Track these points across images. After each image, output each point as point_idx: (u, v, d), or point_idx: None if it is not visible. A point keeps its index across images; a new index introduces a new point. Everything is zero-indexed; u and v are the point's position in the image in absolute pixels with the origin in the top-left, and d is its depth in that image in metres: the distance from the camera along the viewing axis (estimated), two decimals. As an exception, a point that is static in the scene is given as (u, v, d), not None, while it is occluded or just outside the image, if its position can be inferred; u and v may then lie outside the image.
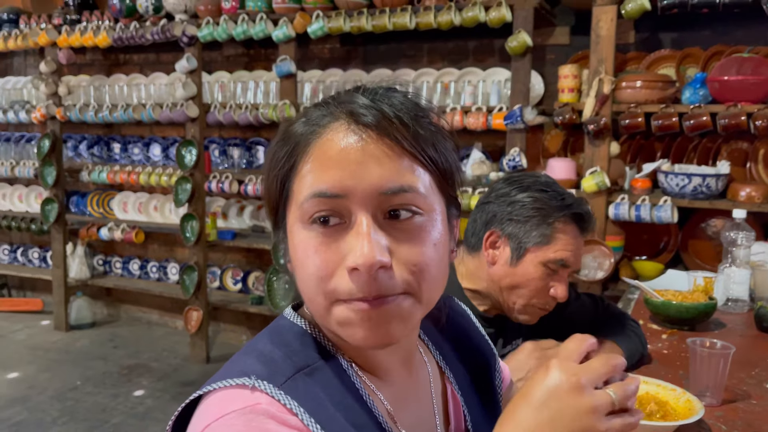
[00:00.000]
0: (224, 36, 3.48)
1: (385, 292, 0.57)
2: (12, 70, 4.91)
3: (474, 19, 2.90)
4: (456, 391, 0.75)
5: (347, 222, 0.58)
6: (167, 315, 4.50)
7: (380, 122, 0.58)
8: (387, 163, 0.57)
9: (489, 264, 1.29)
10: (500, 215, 1.28)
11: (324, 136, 0.59)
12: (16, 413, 3.13)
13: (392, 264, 0.57)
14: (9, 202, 4.82)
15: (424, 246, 0.59)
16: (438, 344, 0.78)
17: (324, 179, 0.57)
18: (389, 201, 0.57)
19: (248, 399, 0.55)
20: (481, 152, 3.19)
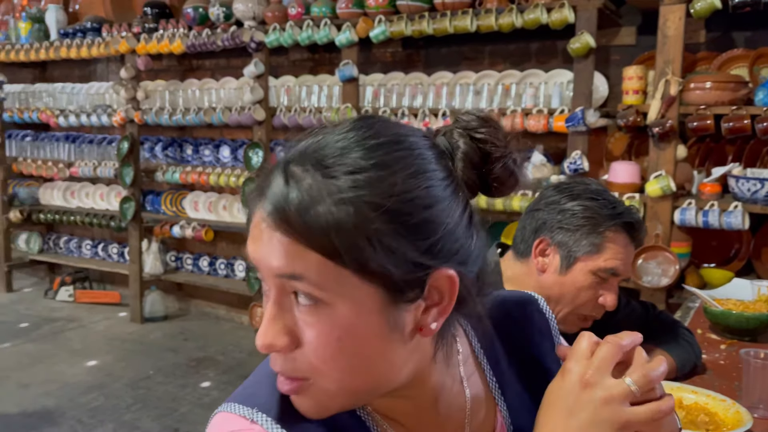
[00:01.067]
0: (290, 41, 3.59)
1: (288, 373, 0.56)
2: (95, 76, 5.22)
3: (535, 21, 2.88)
4: (505, 420, 0.70)
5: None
6: (234, 310, 4.68)
7: (271, 214, 0.54)
8: (278, 250, 0.53)
9: (538, 272, 1.30)
10: (550, 223, 1.28)
11: (253, 209, 0.57)
12: (94, 399, 3.34)
13: (297, 347, 0.55)
14: (91, 200, 5.13)
15: (328, 336, 0.54)
16: (496, 364, 0.71)
17: (249, 249, 0.57)
18: (289, 283, 0.54)
19: (244, 427, 0.57)
20: (542, 155, 3.15)
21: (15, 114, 5.09)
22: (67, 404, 3.26)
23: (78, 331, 4.42)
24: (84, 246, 5.33)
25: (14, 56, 4.84)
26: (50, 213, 5.16)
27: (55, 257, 5.36)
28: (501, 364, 0.72)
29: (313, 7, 3.51)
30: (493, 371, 0.71)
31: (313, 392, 0.56)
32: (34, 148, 5.29)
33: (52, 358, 3.91)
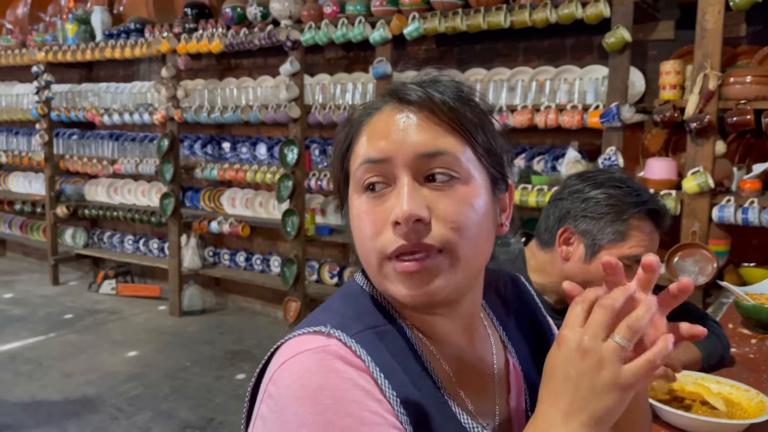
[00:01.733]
0: (325, 39, 3.63)
1: (423, 243, 0.62)
2: (138, 75, 5.38)
3: (570, 16, 2.85)
4: (517, 365, 0.79)
5: (392, 186, 0.65)
6: (269, 305, 4.75)
7: (422, 100, 0.66)
8: (426, 130, 0.65)
9: (563, 260, 1.30)
10: (574, 212, 1.28)
11: (374, 117, 0.68)
12: (133, 388, 3.44)
13: (431, 220, 0.63)
14: (133, 196, 5.28)
15: (461, 206, 0.64)
16: (502, 320, 0.82)
17: (371, 148, 0.66)
18: (428, 164, 0.64)
19: (322, 341, 0.62)
20: (577, 151, 3.11)
21: (62, 113, 5.28)
22: (108, 392, 3.37)
23: (119, 322, 4.56)
24: (126, 241, 5.49)
25: (61, 57, 5.02)
26: (95, 209, 5.33)
27: (99, 252, 5.54)
28: (502, 316, 0.83)
29: (348, 5, 3.55)
30: (500, 323, 0.82)
31: (438, 265, 0.64)
32: (79, 145, 5.48)
33: (94, 348, 4.04)
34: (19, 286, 5.49)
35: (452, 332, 0.72)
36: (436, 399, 0.66)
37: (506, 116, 3.13)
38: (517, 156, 3.43)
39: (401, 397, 0.62)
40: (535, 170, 3.33)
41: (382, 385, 0.61)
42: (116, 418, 3.08)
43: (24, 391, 3.38)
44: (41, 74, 5.22)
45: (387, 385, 0.62)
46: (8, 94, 5.93)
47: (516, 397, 0.77)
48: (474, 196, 0.66)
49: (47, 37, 5.17)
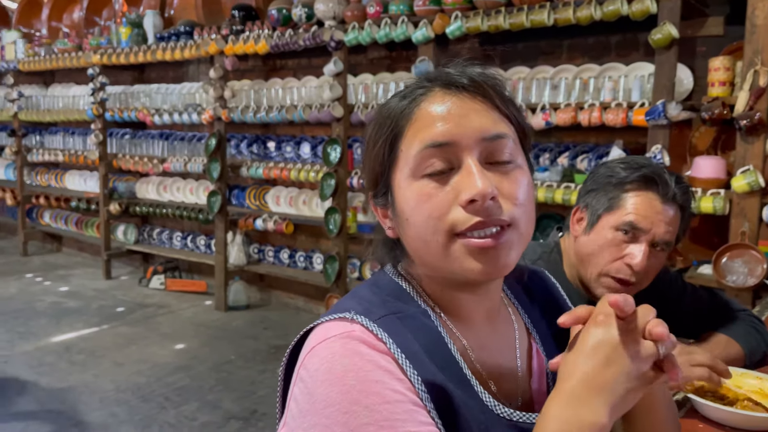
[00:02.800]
0: (368, 39, 3.68)
1: (497, 218, 0.66)
2: (187, 76, 5.53)
3: (615, 13, 2.82)
4: (541, 351, 0.81)
5: (455, 168, 0.67)
6: (312, 301, 4.83)
7: (471, 84, 0.69)
8: (484, 115, 0.68)
9: (574, 239, 1.31)
10: (582, 191, 1.31)
11: (424, 102, 0.70)
12: (180, 379, 3.55)
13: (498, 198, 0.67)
14: (182, 194, 5.44)
15: (520, 186, 0.69)
16: (526, 307, 0.85)
17: (433, 133, 0.67)
18: (489, 147, 0.68)
19: (346, 327, 0.67)
20: (621, 149, 3.07)
21: (116, 113, 5.47)
22: (156, 383, 3.48)
23: (168, 316, 4.70)
24: (174, 237, 5.66)
25: (115, 59, 5.20)
26: (145, 206, 5.52)
27: (148, 248, 5.72)
28: (527, 304, 0.86)
29: (391, 5, 3.58)
30: (524, 310, 0.85)
31: (510, 239, 0.68)
32: (131, 145, 5.67)
33: (144, 340, 4.19)
34: (74, 280, 5.72)
35: (477, 314, 0.75)
36: (458, 380, 0.69)
37: (549, 114, 3.11)
38: (560, 154, 3.41)
39: (423, 378, 0.65)
40: (579, 169, 3.29)
41: (403, 365, 0.65)
42: (164, 407, 3.19)
43: (78, 379, 3.53)
44: (96, 76, 5.42)
45: (408, 365, 0.65)
46: (65, 96, 6.19)
47: (538, 380, 0.79)
48: (527, 180, 0.71)
49: (102, 41, 5.37)
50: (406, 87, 0.73)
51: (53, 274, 5.95)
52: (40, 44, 6.02)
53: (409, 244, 0.72)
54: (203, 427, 3.00)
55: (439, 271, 0.71)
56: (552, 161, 3.42)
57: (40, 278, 5.78)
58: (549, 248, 1.37)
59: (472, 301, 0.74)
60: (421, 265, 0.74)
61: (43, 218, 6.78)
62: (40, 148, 6.50)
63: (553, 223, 3.47)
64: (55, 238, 6.99)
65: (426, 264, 0.72)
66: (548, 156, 3.44)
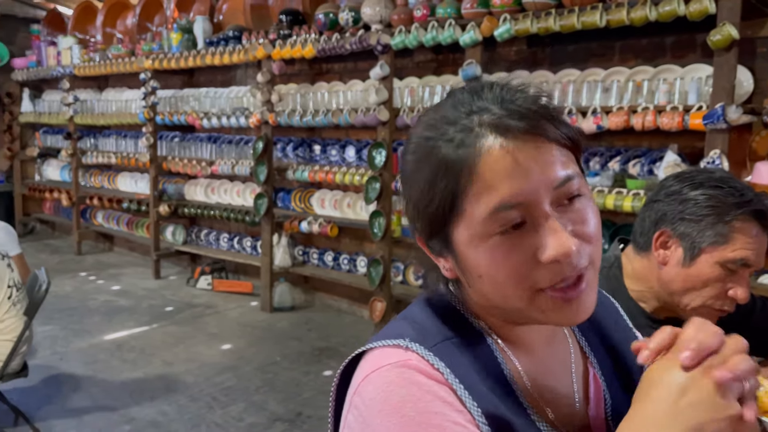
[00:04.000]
0: (414, 43, 3.66)
1: (581, 269, 0.64)
2: (235, 80, 5.62)
3: (672, 13, 2.73)
4: (598, 375, 0.78)
5: (528, 223, 0.63)
6: (355, 304, 4.84)
7: (524, 125, 0.63)
8: (549, 159, 0.63)
9: (660, 265, 1.24)
10: (671, 214, 1.22)
11: (482, 155, 0.63)
12: (227, 379, 3.61)
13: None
14: (229, 196, 5.53)
15: (592, 219, 0.66)
16: (584, 331, 0.81)
17: (501, 194, 0.62)
18: (560, 192, 0.64)
19: (401, 356, 0.64)
20: (677, 154, 2.98)
21: (166, 117, 5.60)
22: (204, 382, 3.55)
23: (214, 316, 4.79)
24: (222, 239, 5.75)
25: (166, 64, 5.33)
26: (193, 207, 5.63)
27: (196, 248, 5.84)
28: (584, 328, 0.81)
29: (438, 9, 3.56)
30: (581, 334, 0.81)
31: (590, 279, 0.65)
32: (181, 147, 5.80)
33: (191, 339, 4.27)
34: (125, 279, 5.88)
35: (535, 341, 0.73)
36: (516, 409, 0.67)
37: (600, 118, 3.04)
38: (611, 159, 3.33)
39: (483, 409, 0.63)
40: (631, 174, 3.21)
41: (462, 396, 0.63)
42: (212, 407, 3.24)
43: (129, 376, 3.62)
44: (148, 81, 5.56)
45: (467, 396, 0.63)
46: (118, 100, 6.37)
47: (595, 407, 0.76)
48: (593, 207, 0.67)
49: (154, 46, 5.51)
50: (450, 125, 0.65)
51: (105, 273, 6.13)
52: (94, 50, 6.22)
53: (480, 294, 0.68)
54: (250, 428, 3.04)
55: (513, 315, 0.69)
56: (602, 165, 3.34)
57: (93, 277, 5.96)
58: (609, 263, 1.33)
59: (532, 330, 0.72)
60: (489, 308, 0.70)
61: (96, 218, 7.00)
62: (94, 150, 6.71)
63: (603, 230, 3.40)
64: (107, 237, 7.20)
65: (499, 309, 0.69)
66: (598, 160, 3.36)
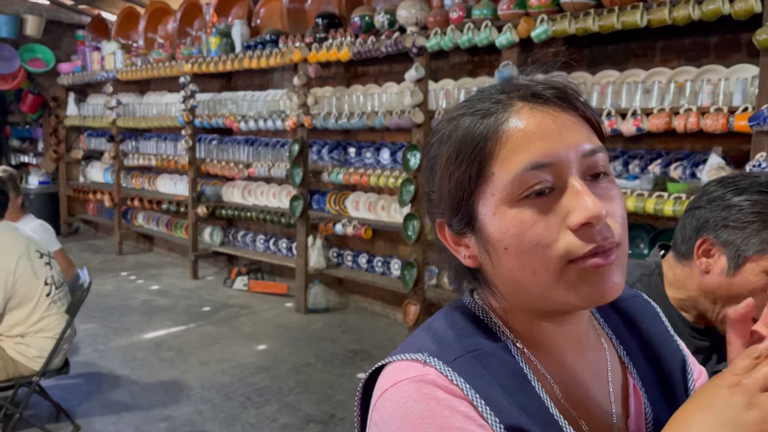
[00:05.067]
0: (450, 45, 3.64)
1: (608, 239, 0.61)
2: (272, 83, 5.69)
3: (716, 12, 2.65)
4: (639, 387, 0.74)
5: (556, 189, 0.62)
6: (389, 307, 4.84)
7: (557, 97, 0.64)
8: (577, 128, 0.64)
9: (702, 273, 1.20)
10: (714, 221, 1.17)
11: (511, 120, 0.63)
12: (261, 380, 3.64)
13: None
14: (265, 198, 5.59)
15: (620, 201, 0.65)
16: (622, 338, 0.77)
17: (532, 153, 0.61)
18: (588, 162, 0.63)
19: (420, 370, 0.62)
20: (721, 157, 2.89)
21: (204, 120, 5.70)
22: (239, 382, 3.59)
23: (250, 317, 4.84)
24: (258, 240, 5.82)
25: (205, 68, 5.42)
26: (230, 209, 5.72)
27: (233, 249, 5.92)
28: (624, 335, 0.77)
29: (474, 10, 3.54)
30: (619, 341, 0.77)
31: (621, 259, 0.63)
32: (219, 150, 5.89)
33: (228, 339, 4.32)
34: (164, 279, 6.00)
35: (564, 346, 0.69)
36: (545, 421, 0.63)
37: (641, 120, 2.97)
38: (651, 162, 3.25)
39: (504, 423, 0.61)
40: (672, 177, 3.13)
41: (483, 412, 0.60)
42: (246, 407, 3.28)
43: (167, 375, 3.69)
44: (187, 84, 5.67)
45: (489, 412, 0.61)
46: (159, 103, 6.51)
47: (636, 421, 0.72)
48: (620, 192, 0.66)
49: (193, 50, 5.61)
50: (478, 101, 0.66)
51: (145, 272, 6.26)
52: (137, 54, 6.37)
53: (505, 275, 0.65)
54: (283, 429, 3.06)
55: (539, 301, 0.65)
56: (642, 169, 3.26)
57: (134, 276, 6.10)
58: (649, 270, 1.29)
59: (560, 333, 0.69)
60: (514, 294, 0.67)
61: (137, 219, 7.16)
62: (135, 153, 6.87)
63: (643, 234, 3.32)
64: (147, 238, 7.36)
65: (525, 294, 0.66)
66: (638, 163, 3.29)
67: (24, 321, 2.70)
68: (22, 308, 2.69)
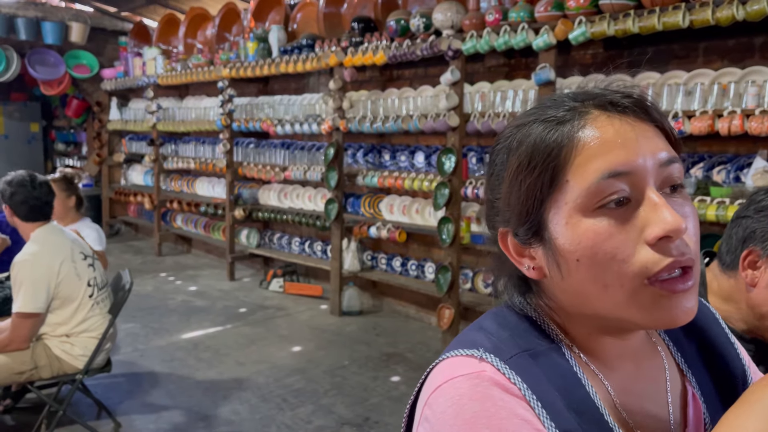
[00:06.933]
0: (486, 47, 3.62)
1: (688, 258, 0.59)
2: (308, 88, 5.74)
3: (761, 13, 2.58)
4: (698, 396, 0.72)
5: (633, 200, 0.60)
6: (423, 310, 4.83)
7: (635, 105, 0.63)
8: (653, 138, 0.62)
9: (748, 287, 1.16)
10: (761, 232, 1.13)
11: (588, 127, 0.62)
12: (296, 381, 3.67)
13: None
14: (301, 201, 5.64)
15: (694, 219, 0.62)
16: (680, 344, 0.75)
17: (611, 161, 0.59)
18: (664, 173, 0.61)
19: (475, 367, 0.61)
20: (766, 161, 2.81)
21: (242, 124, 5.79)
22: (274, 383, 3.62)
23: (285, 319, 4.89)
24: (293, 242, 5.88)
25: (243, 73, 5.50)
26: (267, 212, 5.79)
27: (269, 251, 5.99)
28: (682, 341, 0.76)
29: (511, 13, 3.51)
30: (676, 348, 0.75)
31: (695, 280, 0.61)
32: (255, 153, 5.97)
33: (263, 340, 4.37)
34: (202, 281, 6.10)
35: (622, 354, 0.67)
36: (600, 429, 0.62)
37: (682, 122, 2.91)
38: (693, 165, 3.17)
39: (561, 429, 0.59)
40: (715, 181, 3.05)
41: (540, 415, 0.59)
42: (281, 408, 3.31)
43: (204, 375, 3.75)
44: (225, 89, 5.76)
45: (545, 415, 0.59)
46: (198, 107, 6.63)
47: (695, 429, 0.70)
48: (694, 210, 0.64)
49: (231, 55, 5.70)
50: (550, 108, 0.64)
51: (183, 274, 6.38)
52: (176, 60, 6.50)
53: (573, 287, 0.63)
54: (318, 431, 3.08)
55: (605, 317, 0.63)
56: (684, 172, 3.18)
57: (173, 277, 6.21)
58: None
59: (618, 345, 0.67)
60: (578, 307, 0.65)
61: (176, 221, 7.30)
62: (174, 156, 7.01)
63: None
64: (186, 240, 7.50)
65: (590, 308, 0.63)
66: (680, 167, 3.21)
67: (68, 321, 2.78)
68: (65, 308, 2.77)
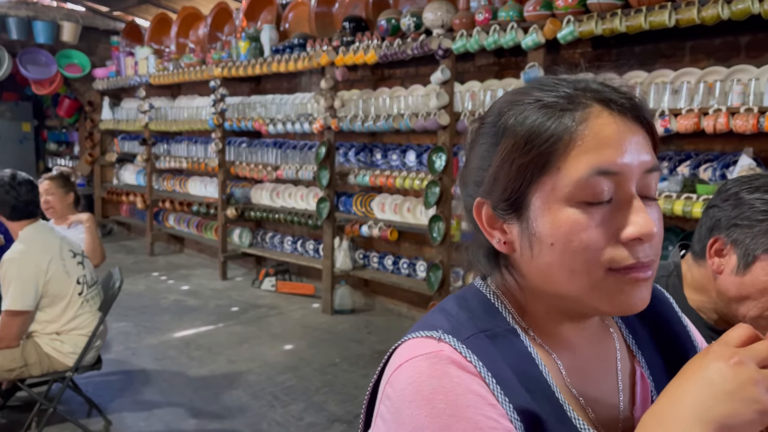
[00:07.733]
0: (476, 47, 3.65)
1: (651, 258, 0.64)
2: (300, 87, 5.75)
3: (745, 12, 2.61)
4: (646, 375, 0.76)
5: (614, 200, 0.63)
6: (414, 308, 4.85)
7: (627, 103, 0.65)
8: (643, 144, 0.65)
9: (715, 274, 1.19)
10: (725, 220, 1.15)
11: (590, 121, 0.63)
12: (288, 379, 3.68)
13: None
14: (293, 200, 5.66)
15: (660, 225, 0.66)
16: (632, 327, 0.79)
17: (604, 158, 0.62)
18: (645, 179, 0.64)
19: (434, 347, 0.64)
20: (752, 158, 2.84)
21: (234, 123, 5.79)
22: (266, 381, 3.63)
23: (277, 317, 4.90)
24: (285, 241, 5.89)
25: (235, 72, 5.51)
26: (259, 211, 5.79)
27: (261, 251, 6.00)
28: (634, 324, 0.79)
29: (500, 12, 3.54)
30: (628, 330, 0.79)
31: (653, 277, 0.66)
32: (247, 153, 5.98)
33: (255, 339, 4.38)
34: (194, 280, 6.10)
35: (576, 337, 0.71)
36: (552, 406, 0.65)
37: (669, 121, 2.94)
38: (680, 163, 3.21)
39: (514, 404, 0.62)
40: (702, 179, 3.08)
41: (494, 391, 0.62)
42: (273, 405, 3.32)
43: (196, 373, 3.76)
44: (217, 88, 5.76)
45: (499, 391, 0.62)
46: (190, 107, 6.63)
47: (641, 408, 0.73)
48: (661, 216, 0.67)
49: (223, 54, 5.71)
50: (550, 92, 0.65)
51: (176, 273, 6.38)
52: (168, 59, 6.50)
53: (541, 268, 0.66)
54: (309, 428, 3.09)
55: (568, 301, 0.67)
56: (671, 170, 3.22)
57: (165, 277, 6.22)
58: (667, 271, 1.27)
59: (573, 328, 0.71)
60: (543, 287, 0.68)
61: (168, 221, 7.30)
62: (166, 155, 7.01)
63: (672, 237, 3.27)
64: (178, 239, 7.50)
65: (554, 290, 0.67)
66: (667, 164, 3.25)
67: (58, 319, 2.78)
68: (55, 306, 2.77)
